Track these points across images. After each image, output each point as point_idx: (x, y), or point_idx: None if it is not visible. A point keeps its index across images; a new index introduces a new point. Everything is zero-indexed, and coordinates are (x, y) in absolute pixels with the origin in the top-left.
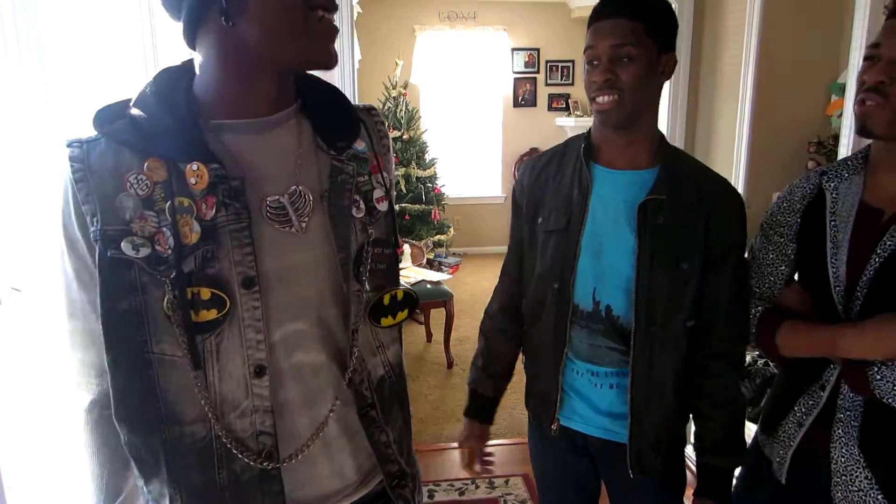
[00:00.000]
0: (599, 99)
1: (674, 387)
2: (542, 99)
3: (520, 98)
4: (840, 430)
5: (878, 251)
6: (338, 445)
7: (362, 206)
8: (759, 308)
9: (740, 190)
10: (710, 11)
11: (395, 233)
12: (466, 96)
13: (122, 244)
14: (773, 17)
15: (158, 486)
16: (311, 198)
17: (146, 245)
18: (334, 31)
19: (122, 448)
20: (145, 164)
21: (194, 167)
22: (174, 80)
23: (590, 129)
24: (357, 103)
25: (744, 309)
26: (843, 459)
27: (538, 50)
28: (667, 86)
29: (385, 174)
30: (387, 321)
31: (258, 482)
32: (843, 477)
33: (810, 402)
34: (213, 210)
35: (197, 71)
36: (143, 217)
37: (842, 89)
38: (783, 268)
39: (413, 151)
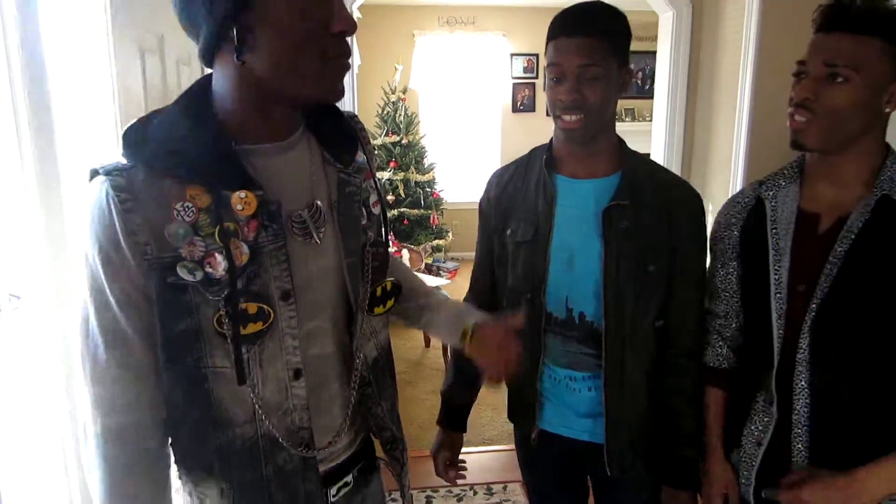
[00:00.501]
0: (566, 117)
1: (646, 387)
2: (541, 104)
3: (518, 103)
4: (798, 445)
5: (832, 258)
6: (336, 419)
7: (365, 213)
8: (714, 336)
9: None
10: (708, 19)
11: (386, 232)
12: (465, 101)
13: (177, 269)
14: (771, 23)
15: (212, 484)
16: (324, 209)
17: (198, 269)
18: (346, 70)
19: (156, 470)
20: (187, 192)
21: (242, 195)
22: (200, 103)
23: (551, 139)
24: (344, 111)
25: (702, 305)
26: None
27: (537, 55)
28: (665, 93)
29: (375, 178)
30: (379, 310)
31: (300, 470)
32: None
33: (765, 419)
34: (255, 232)
35: (215, 89)
36: (191, 243)
37: None
38: (733, 283)
39: (412, 156)
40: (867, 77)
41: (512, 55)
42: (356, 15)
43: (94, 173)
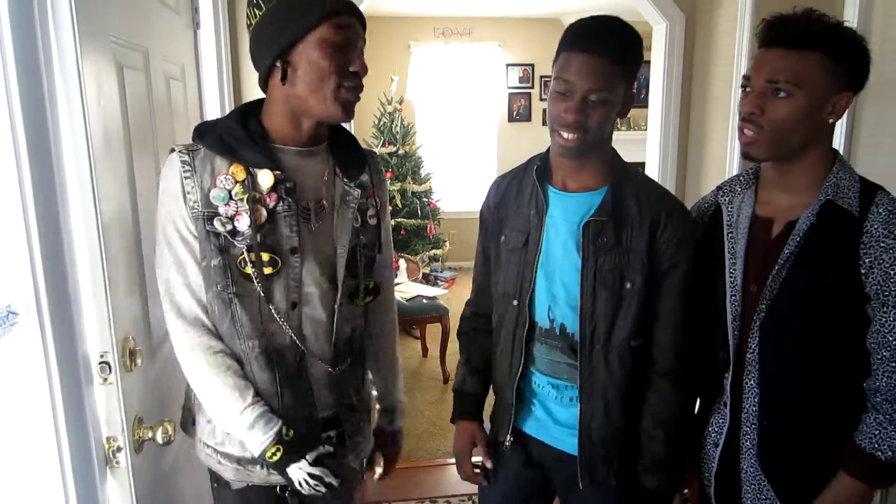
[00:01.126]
0: (565, 135)
1: (620, 403)
2: (537, 114)
3: (514, 113)
4: (748, 443)
5: (780, 261)
6: (320, 379)
7: (359, 219)
8: None
9: None
10: (701, 30)
11: (379, 241)
12: (461, 111)
13: (214, 222)
14: None
15: (248, 374)
16: (327, 209)
17: (229, 223)
18: (356, 100)
19: (221, 355)
20: (230, 168)
21: (266, 173)
22: (250, 112)
23: (547, 149)
24: (363, 147)
25: (688, 328)
26: (751, 469)
27: (532, 65)
28: (659, 102)
29: (377, 199)
30: (358, 301)
31: (297, 374)
32: (751, 485)
33: (720, 421)
34: (275, 202)
35: (265, 105)
36: (227, 204)
37: None
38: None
39: (408, 166)
40: (808, 91)
41: (507, 65)
42: None
43: (172, 150)
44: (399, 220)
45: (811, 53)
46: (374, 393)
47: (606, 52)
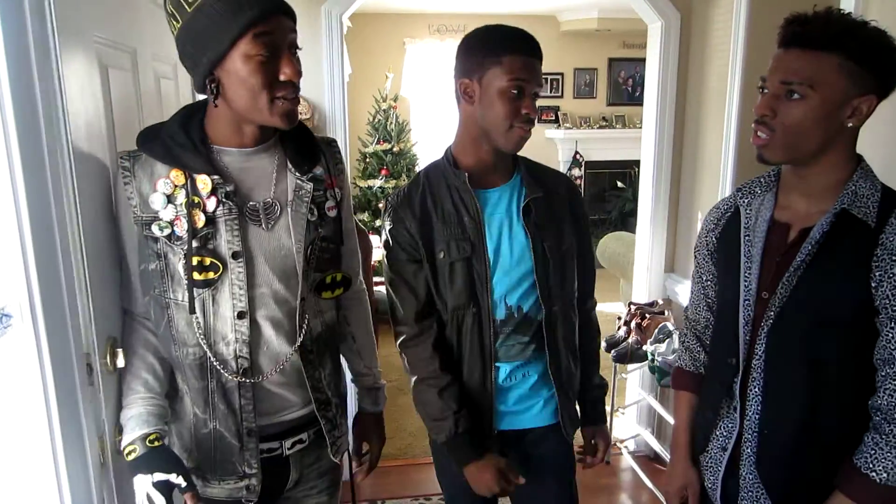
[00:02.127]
0: (522, 132)
1: (574, 352)
2: None
3: None
4: (748, 450)
5: (791, 268)
6: (290, 378)
7: (315, 212)
8: (694, 342)
9: None
10: (697, 29)
11: (341, 232)
12: (456, 109)
13: (152, 226)
14: (759, 32)
15: (178, 381)
16: (279, 206)
17: (168, 227)
18: (294, 106)
19: (147, 354)
20: (171, 173)
21: (204, 178)
22: (192, 115)
23: (449, 157)
24: (321, 136)
25: (593, 266)
26: (749, 476)
27: None
28: (654, 101)
29: (337, 189)
30: (327, 294)
31: (237, 389)
32: (749, 492)
33: (730, 426)
34: (214, 206)
35: (206, 111)
36: (166, 208)
37: None
38: (710, 290)
39: (403, 164)
40: (824, 93)
41: None
42: (346, 24)
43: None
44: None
45: (829, 55)
46: (350, 378)
47: (539, 52)
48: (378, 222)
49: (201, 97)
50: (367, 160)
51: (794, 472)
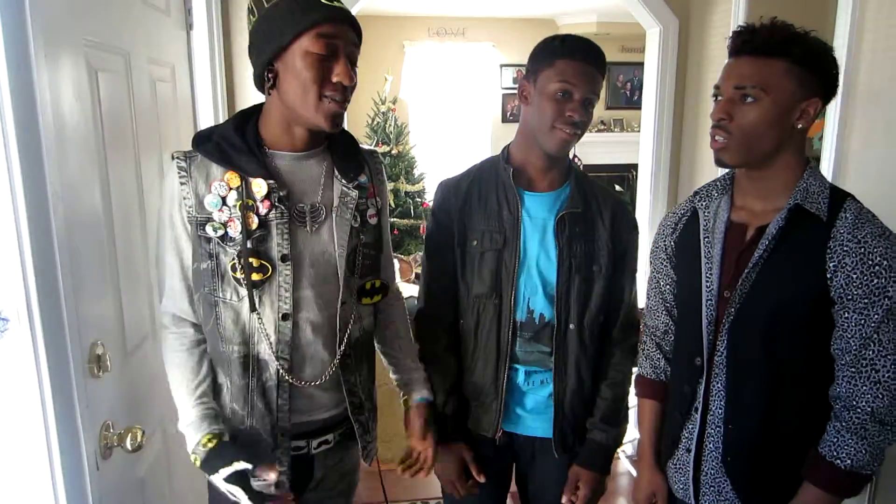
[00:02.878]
0: (564, 135)
1: (591, 375)
2: None
3: (508, 113)
4: (710, 445)
5: (750, 265)
6: (327, 381)
7: (359, 219)
8: (654, 349)
9: None
10: (695, 34)
11: (381, 239)
12: (455, 112)
13: (206, 227)
14: None
15: (220, 375)
16: (325, 210)
17: (221, 228)
18: (341, 106)
19: (195, 355)
20: (226, 175)
21: (259, 181)
22: (247, 118)
23: (504, 154)
24: (364, 146)
25: (635, 303)
26: (711, 472)
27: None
28: (652, 105)
29: (378, 199)
30: (366, 301)
31: (276, 389)
32: (710, 487)
33: (691, 427)
34: (268, 209)
35: (263, 110)
36: (221, 210)
37: (823, 112)
38: (669, 296)
39: (402, 166)
40: (775, 95)
41: (501, 66)
42: None
43: (172, 157)
44: (392, 219)
45: (777, 60)
46: (393, 376)
47: (599, 65)
48: None
49: (200, 99)
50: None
51: (758, 464)
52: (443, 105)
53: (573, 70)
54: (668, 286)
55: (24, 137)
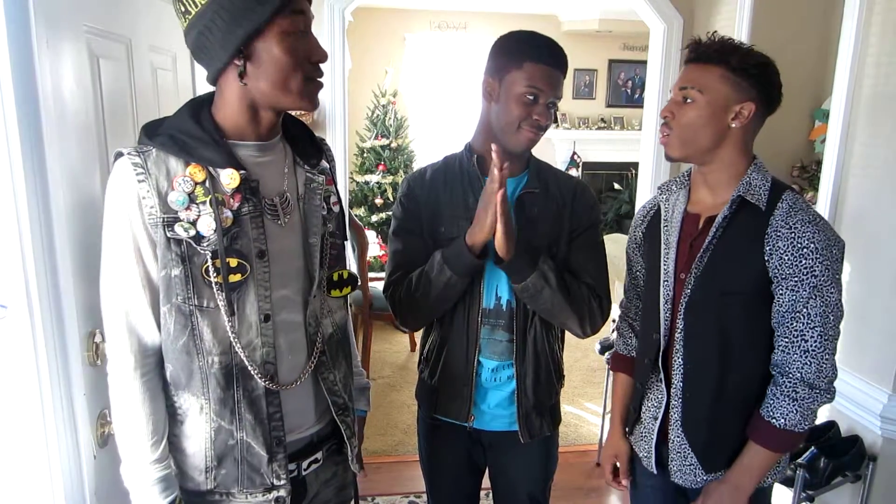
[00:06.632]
0: (530, 135)
1: (550, 353)
2: None
3: None
4: (675, 415)
5: (702, 250)
6: (305, 384)
7: (325, 206)
8: (626, 329)
9: None
10: (699, 31)
11: (343, 228)
12: (455, 105)
13: (175, 227)
14: (759, 44)
15: (187, 398)
16: (292, 200)
17: (191, 228)
18: (321, 86)
19: (160, 399)
20: (188, 169)
21: (230, 172)
22: (200, 107)
23: (468, 145)
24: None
25: (605, 269)
26: (677, 439)
27: None
28: (655, 103)
29: (335, 187)
30: (335, 293)
31: (264, 397)
32: (678, 453)
33: (658, 396)
34: (239, 203)
35: (216, 100)
36: (188, 208)
37: (825, 115)
38: (640, 281)
39: (401, 160)
40: (710, 97)
41: None
42: (348, 19)
43: (119, 154)
44: (391, 213)
45: (715, 66)
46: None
47: (562, 68)
48: (374, 218)
49: (200, 88)
50: (365, 155)
51: (712, 430)
52: (443, 98)
53: (541, 74)
54: (639, 272)
55: (25, 124)
